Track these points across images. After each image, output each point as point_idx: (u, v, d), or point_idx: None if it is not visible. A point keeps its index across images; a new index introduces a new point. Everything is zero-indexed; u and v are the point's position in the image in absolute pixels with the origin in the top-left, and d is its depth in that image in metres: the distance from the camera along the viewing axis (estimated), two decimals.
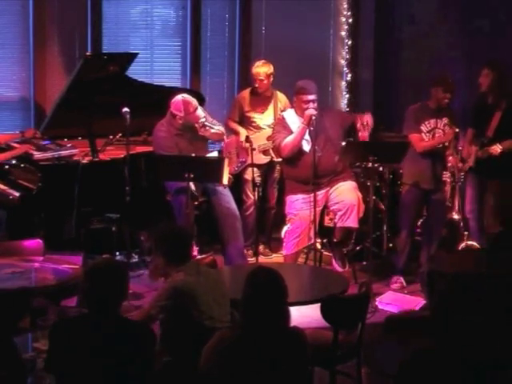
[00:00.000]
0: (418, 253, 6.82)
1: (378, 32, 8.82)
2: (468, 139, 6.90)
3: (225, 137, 6.93)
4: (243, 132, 7.24)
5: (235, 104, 7.47)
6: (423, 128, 6.62)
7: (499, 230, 6.34)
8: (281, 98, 7.39)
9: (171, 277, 4.34)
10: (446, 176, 6.65)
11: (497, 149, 6.59)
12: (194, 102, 6.54)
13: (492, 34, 7.84)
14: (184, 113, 6.49)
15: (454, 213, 6.64)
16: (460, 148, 6.65)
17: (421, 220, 7.07)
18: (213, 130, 6.58)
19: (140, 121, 6.65)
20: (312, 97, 6.52)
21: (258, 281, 3.48)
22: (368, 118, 6.46)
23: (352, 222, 6.52)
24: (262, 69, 7.22)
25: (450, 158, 6.60)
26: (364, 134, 6.45)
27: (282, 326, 3.47)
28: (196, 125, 6.52)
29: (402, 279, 6.70)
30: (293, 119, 6.64)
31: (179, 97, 6.54)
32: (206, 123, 6.52)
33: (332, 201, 6.59)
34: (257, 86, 7.26)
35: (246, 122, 7.35)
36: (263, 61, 7.31)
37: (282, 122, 6.76)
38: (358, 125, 6.48)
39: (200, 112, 6.55)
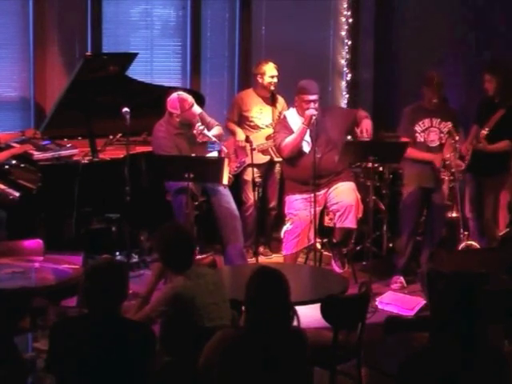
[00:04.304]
0: (418, 253, 6.83)
1: (378, 32, 8.82)
2: (471, 136, 6.88)
3: (221, 131, 6.90)
4: (241, 132, 7.25)
5: (233, 105, 7.48)
6: (417, 128, 6.65)
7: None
8: (279, 99, 7.41)
9: (171, 281, 4.34)
10: (445, 174, 6.65)
11: (483, 131, 6.58)
12: (190, 98, 6.54)
13: (492, 33, 7.83)
14: (180, 110, 6.49)
15: (453, 211, 6.64)
16: (457, 145, 6.66)
17: (421, 220, 7.09)
18: (211, 134, 6.58)
19: (140, 121, 6.65)
20: (313, 97, 6.52)
21: (263, 280, 3.48)
22: (367, 126, 6.50)
23: (350, 223, 6.52)
24: (273, 68, 7.24)
25: (447, 156, 6.61)
26: None
27: (284, 326, 3.47)
28: (194, 131, 6.52)
29: (402, 279, 6.70)
30: (294, 119, 6.64)
31: (175, 95, 6.55)
32: (205, 132, 6.52)
33: (331, 201, 6.60)
34: (269, 84, 7.25)
35: (244, 121, 7.36)
36: (267, 60, 7.33)
37: (283, 122, 6.76)
38: (358, 132, 6.52)
39: (196, 108, 6.55)
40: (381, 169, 7.13)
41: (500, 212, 7.04)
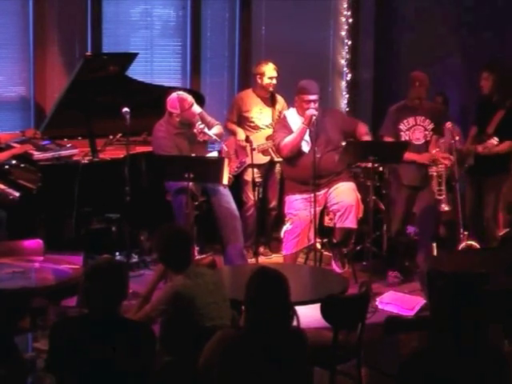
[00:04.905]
0: (414, 252, 6.85)
1: (378, 32, 8.82)
2: (470, 137, 6.93)
3: (221, 138, 6.89)
4: (241, 132, 7.25)
5: (233, 105, 7.47)
6: (402, 127, 6.69)
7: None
8: (279, 99, 7.40)
9: (171, 280, 4.35)
10: (433, 170, 6.67)
11: (493, 141, 6.61)
12: (190, 98, 6.54)
13: (492, 33, 7.84)
14: (180, 110, 6.49)
15: (443, 205, 6.65)
16: (442, 141, 6.68)
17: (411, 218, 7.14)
18: (211, 133, 6.58)
19: (140, 121, 6.65)
20: (313, 97, 6.53)
21: (263, 281, 3.48)
22: None
23: (350, 223, 6.52)
24: (273, 69, 7.23)
25: (434, 152, 6.63)
26: None
27: (284, 327, 3.47)
28: (195, 124, 6.52)
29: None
30: (294, 119, 6.65)
31: (174, 94, 6.55)
32: (205, 130, 6.52)
33: (331, 201, 6.60)
34: (268, 85, 7.24)
35: (244, 122, 7.36)
36: (268, 60, 7.33)
37: (282, 121, 6.77)
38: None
39: (196, 108, 6.55)
40: (381, 169, 7.13)
41: (500, 212, 7.05)
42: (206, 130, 6.51)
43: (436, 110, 6.80)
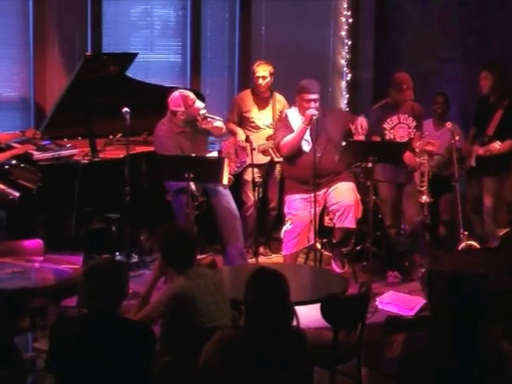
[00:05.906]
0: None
1: (378, 32, 8.82)
2: (469, 138, 6.97)
3: (223, 130, 6.86)
4: (241, 133, 7.25)
5: (233, 106, 7.47)
6: (386, 125, 6.72)
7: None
8: (279, 99, 7.39)
9: (171, 280, 4.35)
10: (419, 161, 6.68)
11: (496, 145, 6.65)
12: (192, 95, 6.55)
13: (492, 34, 7.84)
14: (184, 107, 6.49)
15: (424, 197, 6.64)
16: (423, 137, 6.69)
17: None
18: (214, 123, 6.58)
19: (140, 121, 6.65)
20: (314, 96, 6.53)
21: (262, 281, 3.48)
22: (362, 122, 6.52)
23: (349, 223, 6.52)
24: (264, 69, 7.21)
25: (417, 144, 6.64)
26: (359, 138, 6.52)
27: (284, 327, 3.47)
28: (198, 117, 6.52)
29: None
30: (295, 118, 6.65)
31: (176, 93, 6.55)
32: (207, 114, 6.52)
33: (330, 201, 6.61)
34: (258, 85, 7.23)
35: (244, 122, 7.35)
36: (263, 61, 7.31)
37: (284, 120, 6.77)
38: (353, 129, 6.54)
39: (199, 103, 6.55)
40: None
41: (500, 212, 7.05)
42: (207, 114, 6.50)
43: (416, 108, 6.83)
